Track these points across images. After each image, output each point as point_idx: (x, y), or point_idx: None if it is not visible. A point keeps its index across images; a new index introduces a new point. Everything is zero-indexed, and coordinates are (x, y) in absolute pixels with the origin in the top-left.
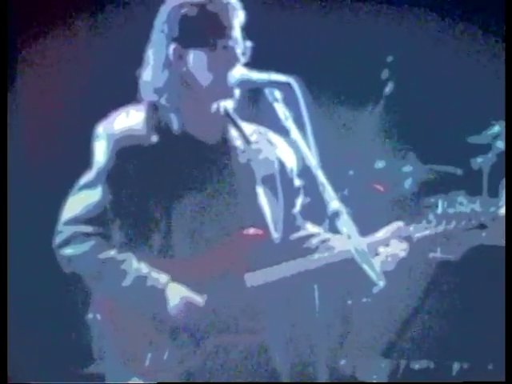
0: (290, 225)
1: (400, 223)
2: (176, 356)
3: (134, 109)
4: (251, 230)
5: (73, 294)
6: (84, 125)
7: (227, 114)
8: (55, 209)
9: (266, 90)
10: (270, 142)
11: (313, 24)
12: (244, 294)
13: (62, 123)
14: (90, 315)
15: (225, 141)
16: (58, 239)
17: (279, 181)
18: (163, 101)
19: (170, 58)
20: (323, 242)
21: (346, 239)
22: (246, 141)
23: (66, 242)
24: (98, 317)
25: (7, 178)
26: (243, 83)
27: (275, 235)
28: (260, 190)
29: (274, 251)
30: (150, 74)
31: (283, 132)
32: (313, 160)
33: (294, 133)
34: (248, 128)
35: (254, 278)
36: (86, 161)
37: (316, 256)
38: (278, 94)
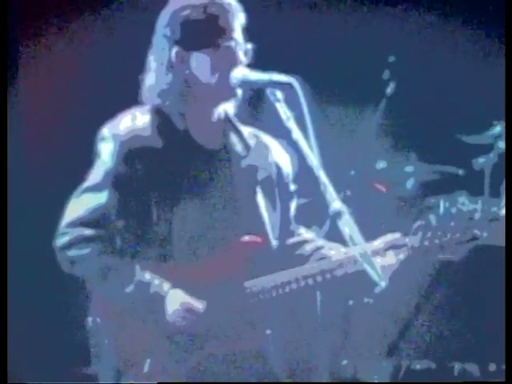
0: (285, 230)
1: (396, 234)
2: (174, 361)
3: (139, 111)
4: (250, 237)
5: (73, 294)
6: (84, 126)
7: (228, 118)
8: (56, 210)
9: (268, 90)
10: (266, 145)
11: (314, 24)
12: (244, 300)
13: (62, 124)
14: (90, 318)
15: (225, 146)
16: (61, 241)
17: (276, 185)
18: (167, 104)
19: (172, 62)
20: (317, 249)
21: (340, 248)
22: (246, 146)
23: (70, 244)
24: (98, 320)
25: (7, 179)
26: (245, 83)
27: (274, 241)
28: (259, 196)
29: (272, 257)
30: (153, 78)
31: (284, 132)
32: (314, 160)
33: (296, 133)
34: (246, 131)
35: (254, 285)
36: (85, 162)
37: (315, 265)
38: (279, 94)
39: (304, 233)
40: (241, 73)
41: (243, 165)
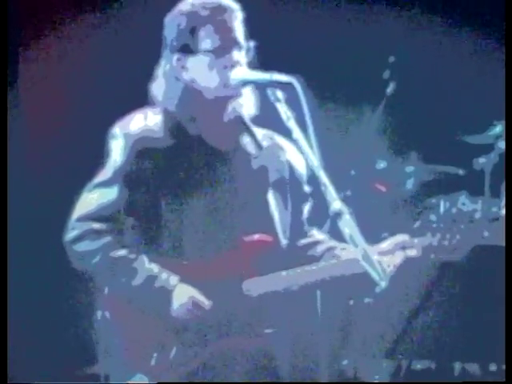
0: (296, 231)
1: (405, 236)
2: (182, 356)
3: (151, 111)
4: (260, 236)
5: (73, 293)
6: (85, 125)
7: (241, 120)
8: (57, 206)
9: (268, 90)
10: (280, 147)
11: (315, 24)
12: (249, 297)
13: (64, 123)
14: (99, 312)
15: (238, 146)
16: (70, 235)
17: (289, 186)
18: (176, 109)
19: (175, 69)
20: (328, 249)
21: (351, 248)
22: (258, 146)
23: (79, 239)
24: (107, 314)
25: (7, 178)
26: (245, 83)
27: (284, 241)
28: (270, 196)
29: (281, 257)
30: (159, 85)
31: (285, 132)
32: (315, 160)
33: (296, 133)
34: (259, 133)
35: (256, 284)
36: (85, 159)
37: (321, 265)
38: (280, 93)
39: (316, 234)
40: (241, 72)
41: (255, 165)
